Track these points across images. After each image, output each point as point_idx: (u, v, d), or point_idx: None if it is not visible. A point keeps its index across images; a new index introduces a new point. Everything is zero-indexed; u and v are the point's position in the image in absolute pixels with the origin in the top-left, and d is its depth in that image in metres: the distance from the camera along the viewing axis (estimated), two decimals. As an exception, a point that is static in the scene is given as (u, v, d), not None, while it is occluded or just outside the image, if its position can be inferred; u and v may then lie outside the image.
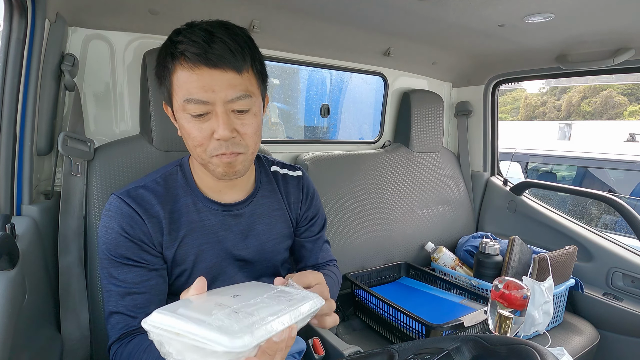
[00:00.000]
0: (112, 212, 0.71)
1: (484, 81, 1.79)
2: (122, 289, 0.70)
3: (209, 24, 0.66)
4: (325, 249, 0.98)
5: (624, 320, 1.37)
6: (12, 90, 0.73)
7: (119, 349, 0.70)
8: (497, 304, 0.81)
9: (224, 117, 0.65)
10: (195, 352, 0.42)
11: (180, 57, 0.64)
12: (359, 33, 1.29)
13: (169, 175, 0.79)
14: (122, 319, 0.70)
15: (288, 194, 0.90)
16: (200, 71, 0.63)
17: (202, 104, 0.65)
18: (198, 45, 0.63)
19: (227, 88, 0.64)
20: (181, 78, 0.65)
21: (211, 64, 0.63)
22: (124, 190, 0.74)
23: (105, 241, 0.71)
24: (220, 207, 0.79)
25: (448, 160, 1.84)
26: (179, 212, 0.76)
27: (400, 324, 1.16)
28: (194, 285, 0.52)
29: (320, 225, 0.97)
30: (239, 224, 0.81)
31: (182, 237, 0.75)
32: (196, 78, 0.64)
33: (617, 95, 23.56)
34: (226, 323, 0.42)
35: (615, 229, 3.24)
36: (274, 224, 0.86)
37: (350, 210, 1.45)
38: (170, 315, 0.44)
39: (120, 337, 0.70)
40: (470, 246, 1.59)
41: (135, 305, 0.71)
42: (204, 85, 0.64)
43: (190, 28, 0.66)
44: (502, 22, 1.14)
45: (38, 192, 0.89)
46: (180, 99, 0.66)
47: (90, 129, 1.05)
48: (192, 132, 0.67)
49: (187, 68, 0.64)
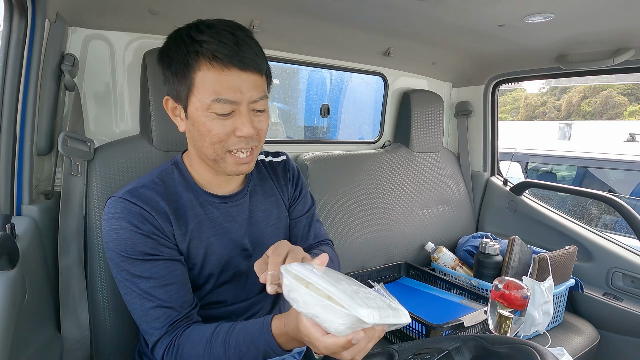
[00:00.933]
0: (119, 213, 0.70)
1: (484, 81, 1.79)
2: (152, 284, 0.69)
3: (225, 24, 0.68)
4: (316, 227, 0.98)
5: (624, 320, 1.37)
6: (12, 90, 0.73)
7: (173, 341, 0.68)
8: (497, 304, 0.81)
9: (249, 117, 0.69)
10: (320, 306, 0.49)
11: (208, 56, 0.65)
12: (359, 33, 1.29)
13: (166, 175, 0.79)
14: (163, 313, 0.69)
15: (278, 179, 0.92)
16: (230, 72, 0.66)
17: (230, 103, 0.67)
18: (229, 48, 0.64)
19: (252, 89, 0.68)
20: (208, 77, 0.66)
21: (242, 66, 0.66)
22: (125, 191, 0.73)
23: (119, 243, 0.69)
24: (221, 199, 0.81)
25: (448, 160, 1.84)
26: (183, 207, 0.77)
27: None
28: (320, 257, 0.62)
29: (308, 203, 0.98)
30: (241, 213, 0.83)
31: (192, 231, 0.76)
32: (227, 79, 0.66)
33: (617, 95, 23.56)
34: (353, 295, 0.49)
35: (615, 229, 3.24)
36: (270, 209, 0.89)
37: (350, 210, 1.45)
38: (310, 271, 0.52)
39: (167, 331, 0.69)
40: (470, 246, 1.59)
41: (170, 296, 0.70)
42: (234, 86, 0.66)
43: (211, 28, 0.66)
44: (502, 22, 1.14)
45: (38, 192, 0.89)
46: (206, 98, 0.67)
47: (90, 129, 1.05)
48: (214, 129, 0.69)
49: (218, 68, 0.65)
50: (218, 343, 0.66)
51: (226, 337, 0.66)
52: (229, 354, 0.65)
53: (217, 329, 0.68)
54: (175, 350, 0.68)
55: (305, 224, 0.96)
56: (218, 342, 0.66)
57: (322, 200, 1.38)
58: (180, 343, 0.68)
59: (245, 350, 0.64)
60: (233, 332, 0.66)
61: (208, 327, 0.69)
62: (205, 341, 0.67)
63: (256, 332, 0.64)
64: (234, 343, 0.65)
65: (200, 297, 0.79)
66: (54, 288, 0.86)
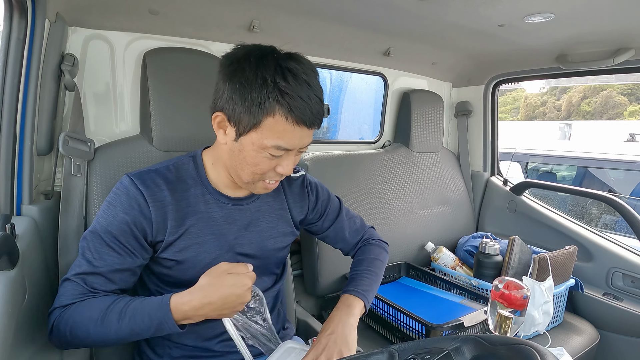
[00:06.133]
0: (120, 192, 0.74)
1: (484, 81, 1.79)
2: (96, 267, 0.71)
3: (302, 67, 0.70)
4: (349, 226, 1.03)
5: (624, 320, 1.37)
6: (12, 91, 0.73)
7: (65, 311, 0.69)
8: (497, 304, 0.81)
9: (293, 159, 0.75)
10: None
11: (286, 108, 0.67)
12: (359, 33, 1.29)
13: (181, 165, 0.81)
14: (80, 290, 0.70)
15: (289, 195, 0.93)
16: (299, 129, 0.69)
17: (285, 150, 0.72)
18: (306, 106, 0.68)
19: (306, 140, 0.73)
20: (278, 126, 0.68)
21: (310, 126, 0.71)
22: (137, 172, 0.76)
23: (103, 215, 0.73)
24: (228, 199, 0.82)
25: (448, 160, 1.84)
26: (187, 200, 0.78)
27: (400, 324, 1.16)
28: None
29: (335, 211, 1.02)
30: (243, 218, 0.84)
31: (189, 226, 0.77)
32: (293, 134, 0.70)
33: (617, 95, 23.54)
34: None
35: (615, 229, 3.24)
36: (276, 222, 0.89)
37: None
38: None
39: (69, 304, 0.70)
40: (470, 246, 1.59)
41: (95, 286, 0.71)
42: (297, 140, 0.71)
43: (292, 74, 0.67)
44: (502, 22, 1.14)
45: (38, 192, 0.89)
46: (268, 141, 0.69)
47: (90, 129, 1.05)
48: (261, 164, 0.73)
49: (291, 123, 0.68)
50: (114, 312, 0.67)
51: (124, 307, 0.68)
52: (121, 324, 0.66)
53: (116, 300, 0.69)
54: (67, 312, 0.69)
55: (337, 230, 1.02)
56: (114, 311, 0.67)
57: (322, 200, 1.38)
58: (74, 307, 0.69)
59: (140, 320, 0.66)
60: (131, 305, 0.68)
61: (108, 297, 0.70)
62: (103, 309, 0.68)
63: (155, 302, 0.68)
64: (130, 314, 0.67)
65: None
66: (54, 288, 0.85)
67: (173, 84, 1.00)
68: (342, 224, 1.02)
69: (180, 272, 0.78)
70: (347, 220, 1.03)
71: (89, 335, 0.67)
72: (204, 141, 1.03)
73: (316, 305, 1.47)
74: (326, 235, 1.03)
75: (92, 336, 0.67)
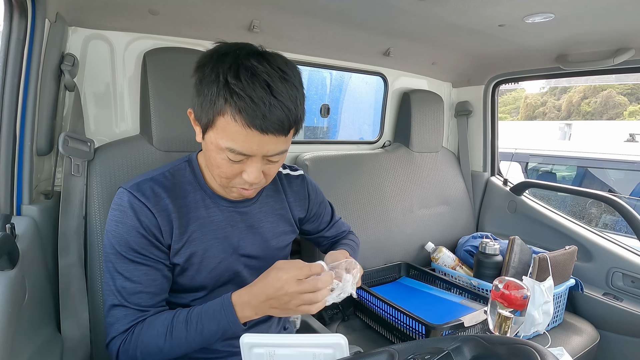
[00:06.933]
0: (123, 207, 0.72)
1: (484, 81, 1.79)
2: (133, 286, 0.71)
3: (267, 67, 0.62)
4: (337, 226, 1.08)
5: (624, 320, 1.37)
6: (12, 90, 0.73)
7: (128, 337, 0.70)
8: (497, 304, 0.81)
9: (258, 166, 0.68)
10: None
11: (234, 109, 0.61)
12: (359, 33, 1.29)
13: (177, 171, 0.80)
14: (132, 313, 0.71)
15: (289, 194, 0.93)
16: (252, 134, 0.63)
17: (242, 155, 0.66)
18: (258, 110, 0.61)
19: (270, 147, 0.66)
20: (229, 127, 0.63)
21: (265, 132, 0.63)
22: (133, 184, 0.74)
23: (115, 235, 0.71)
24: (228, 203, 0.81)
25: (448, 160, 1.84)
26: (187, 207, 0.77)
27: (400, 324, 1.16)
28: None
29: (329, 214, 1.06)
30: (245, 220, 0.83)
31: (191, 233, 0.76)
32: (245, 138, 0.63)
33: (617, 95, 23.54)
34: None
35: (615, 229, 3.24)
36: (277, 222, 0.89)
37: (350, 210, 1.45)
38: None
39: (127, 330, 0.71)
40: (470, 246, 1.59)
41: (140, 302, 0.72)
42: (251, 145, 0.64)
43: (249, 72, 0.61)
44: (502, 22, 1.14)
45: (38, 192, 0.89)
46: (222, 142, 0.65)
47: (90, 129, 1.05)
48: (222, 167, 0.69)
49: (240, 125, 0.62)
50: (180, 322, 0.69)
51: (188, 315, 0.69)
52: (190, 330, 0.68)
53: (177, 312, 0.71)
54: (132, 336, 0.70)
55: (330, 232, 1.06)
56: (180, 321, 0.69)
57: (322, 200, 1.38)
58: (137, 330, 0.70)
59: (207, 324, 0.67)
60: (194, 311, 0.70)
61: (167, 312, 0.72)
62: (168, 322, 0.69)
63: (217, 304, 0.69)
64: (195, 319, 0.68)
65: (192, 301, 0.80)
66: (54, 288, 0.86)
67: (173, 84, 1.00)
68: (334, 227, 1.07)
69: (188, 278, 0.78)
70: (336, 224, 1.08)
71: (162, 351, 0.69)
72: (204, 141, 1.04)
73: (316, 305, 1.47)
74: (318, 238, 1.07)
75: (164, 351, 0.69)
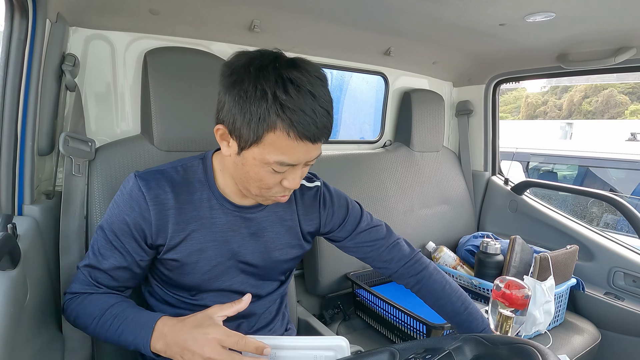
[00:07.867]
0: (124, 191, 0.74)
1: (484, 80, 1.79)
2: (100, 262, 0.74)
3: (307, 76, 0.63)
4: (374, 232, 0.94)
5: (625, 319, 1.37)
6: (13, 91, 0.73)
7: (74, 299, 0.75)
8: (498, 303, 0.81)
9: (300, 173, 0.71)
10: None
11: (287, 123, 0.62)
12: (359, 33, 1.29)
13: (190, 167, 0.79)
14: (87, 282, 0.75)
15: (300, 206, 0.88)
16: (303, 145, 0.65)
17: (289, 165, 0.68)
18: (311, 122, 0.63)
19: (312, 154, 0.69)
20: (279, 142, 0.64)
21: (315, 141, 0.65)
22: (144, 172, 0.76)
23: (109, 213, 0.75)
24: (234, 207, 0.79)
25: (449, 159, 1.84)
26: (192, 204, 0.76)
27: (401, 324, 1.16)
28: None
29: (354, 221, 0.93)
30: (248, 227, 0.81)
31: (191, 231, 0.76)
32: (297, 150, 0.65)
33: (618, 94, 23.49)
34: None
35: (616, 228, 3.23)
36: (283, 233, 0.85)
37: (351, 210, 1.45)
38: None
39: (76, 293, 0.75)
40: (471, 246, 1.59)
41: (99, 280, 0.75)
42: (302, 155, 0.67)
43: (295, 85, 0.62)
44: (503, 22, 1.14)
45: (39, 192, 0.89)
46: (270, 157, 0.65)
47: (91, 129, 1.05)
48: (266, 179, 0.69)
49: (293, 138, 0.63)
50: (109, 315, 0.71)
51: (119, 313, 0.71)
52: (111, 329, 0.70)
53: (115, 304, 0.73)
54: (76, 301, 0.74)
55: (359, 242, 0.93)
56: (110, 315, 0.71)
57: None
58: (81, 299, 0.74)
59: (125, 332, 0.69)
60: (125, 312, 0.72)
61: (111, 298, 0.74)
62: (101, 309, 0.72)
63: (143, 318, 0.70)
64: (120, 322, 0.70)
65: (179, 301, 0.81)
66: (55, 288, 0.86)
67: (174, 84, 1.00)
68: (365, 237, 0.93)
69: (180, 275, 0.78)
70: (370, 230, 0.94)
71: (87, 328, 0.73)
72: (204, 141, 1.04)
73: (317, 305, 1.47)
74: (345, 245, 0.95)
75: (90, 330, 0.73)
